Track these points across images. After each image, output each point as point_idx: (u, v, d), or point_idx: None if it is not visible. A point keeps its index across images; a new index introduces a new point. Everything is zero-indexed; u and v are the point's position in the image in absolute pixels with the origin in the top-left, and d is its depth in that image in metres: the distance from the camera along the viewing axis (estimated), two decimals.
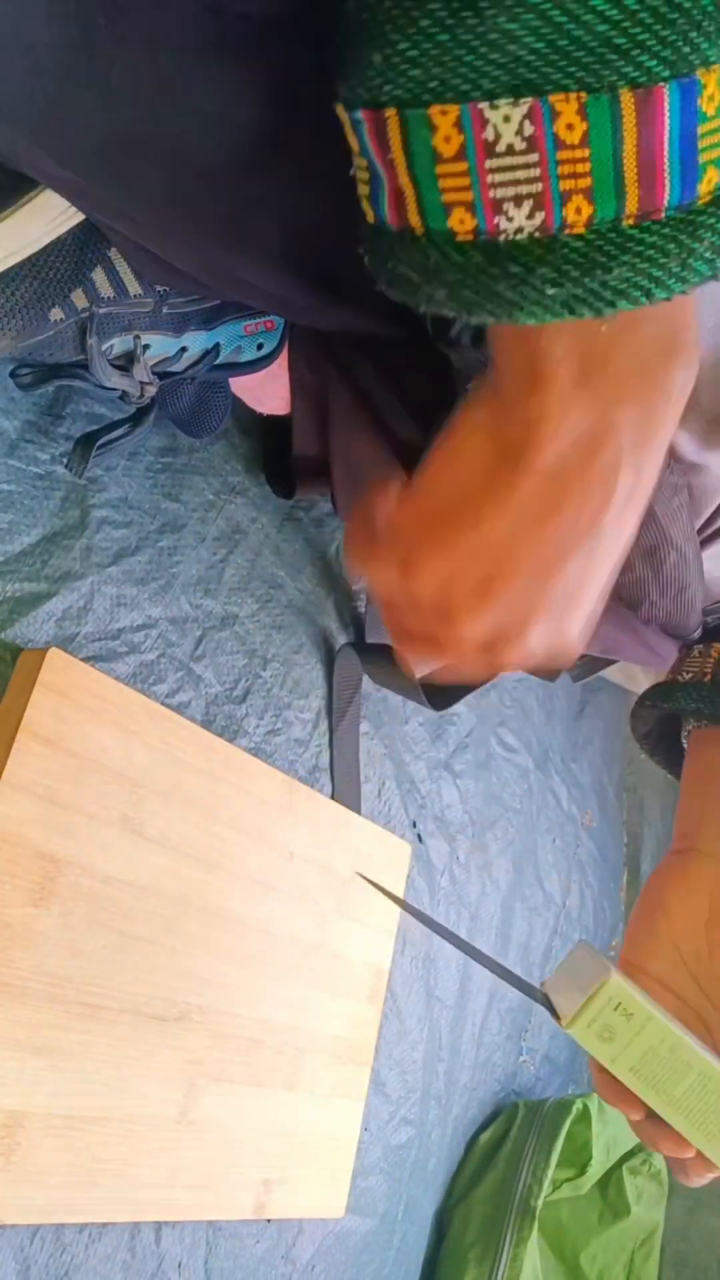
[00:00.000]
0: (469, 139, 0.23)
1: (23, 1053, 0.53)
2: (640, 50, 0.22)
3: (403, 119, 0.24)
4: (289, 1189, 0.71)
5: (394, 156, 0.24)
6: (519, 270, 0.24)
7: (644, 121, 0.23)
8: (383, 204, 0.26)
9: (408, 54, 0.23)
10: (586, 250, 0.24)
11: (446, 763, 0.99)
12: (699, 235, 0.24)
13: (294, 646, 0.79)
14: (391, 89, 0.23)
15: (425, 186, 0.24)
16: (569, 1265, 0.98)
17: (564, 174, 0.23)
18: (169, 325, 0.54)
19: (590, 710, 1.30)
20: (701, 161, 0.24)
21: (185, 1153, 0.62)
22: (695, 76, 0.23)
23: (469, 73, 0.22)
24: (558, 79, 0.22)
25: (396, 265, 0.26)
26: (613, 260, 0.24)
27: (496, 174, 0.24)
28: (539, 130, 0.23)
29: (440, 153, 0.24)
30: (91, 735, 0.57)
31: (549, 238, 0.24)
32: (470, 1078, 0.98)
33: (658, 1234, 1.06)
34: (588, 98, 0.22)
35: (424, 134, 0.23)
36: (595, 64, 0.22)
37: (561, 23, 0.21)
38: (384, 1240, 0.84)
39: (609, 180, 0.23)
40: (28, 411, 0.59)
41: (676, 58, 0.22)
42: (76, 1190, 0.55)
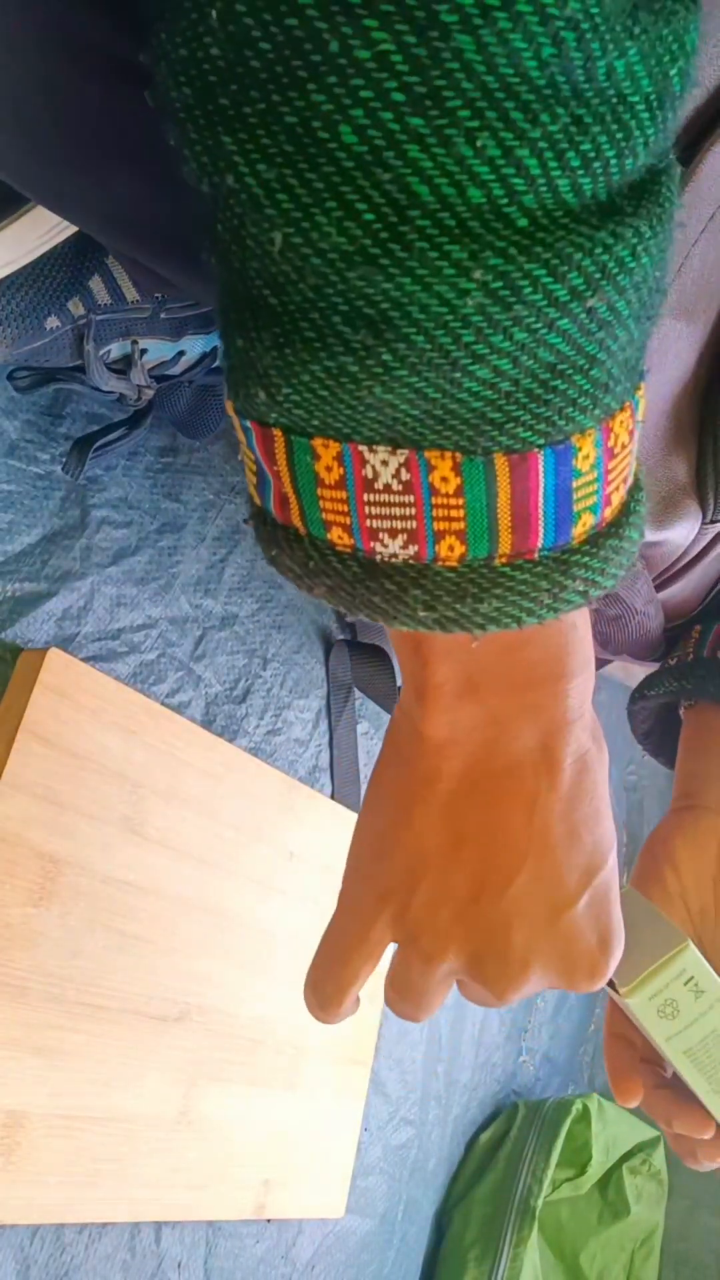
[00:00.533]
0: (349, 473, 0.24)
1: (23, 1053, 0.53)
2: (514, 424, 0.22)
3: (288, 442, 0.24)
4: (289, 1189, 0.71)
5: (280, 470, 0.25)
6: (393, 588, 0.25)
7: (518, 480, 0.23)
8: (269, 500, 0.26)
9: (291, 398, 0.23)
10: (459, 581, 0.25)
11: None
12: (571, 573, 0.25)
13: (294, 646, 0.79)
14: (278, 417, 0.23)
15: (307, 502, 0.25)
16: (569, 1265, 0.98)
17: (438, 516, 0.24)
18: (166, 330, 0.54)
19: None
20: (576, 509, 0.24)
21: (185, 1153, 0.62)
22: (570, 442, 0.23)
23: (349, 422, 0.23)
24: (433, 439, 0.22)
25: (280, 555, 0.27)
26: (485, 592, 0.25)
27: (373, 507, 0.24)
28: (415, 478, 0.23)
29: (322, 478, 0.24)
30: (91, 735, 0.57)
31: (422, 565, 0.25)
32: (470, 1078, 0.98)
33: (657, 1234, 1.06)
34: (463, 459, 0.23)
35: (307, 460, 0.24)
36: (470, 432, 0.22)
37: (436, 398, 0.21)
38: (384, 1240, 0.84)
39: (482, 527, 0.24)
40: (27, 411, 0.59)
41: (551, 430, 0.22)
42: (76, 1190, 0.55)
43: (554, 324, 0.20)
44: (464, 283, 0.20)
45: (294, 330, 0.21)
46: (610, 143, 0.19)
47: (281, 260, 0.20)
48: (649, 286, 0.22)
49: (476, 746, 0.31)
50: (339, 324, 0.21)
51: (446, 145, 0.18)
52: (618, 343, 0.22)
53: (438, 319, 0.20)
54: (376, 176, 0.19)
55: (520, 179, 0.19)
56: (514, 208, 0.19)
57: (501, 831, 0.32)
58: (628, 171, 0.20)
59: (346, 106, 0.18)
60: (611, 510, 0.25)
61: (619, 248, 0.20)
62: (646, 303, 0.22)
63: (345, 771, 0.81)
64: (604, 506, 0.25)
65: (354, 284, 0.20)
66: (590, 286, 0.20)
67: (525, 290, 0.20)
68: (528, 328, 0.20)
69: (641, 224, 0.21)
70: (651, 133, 0.20)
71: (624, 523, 0.26)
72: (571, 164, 0.19)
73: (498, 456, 0.23)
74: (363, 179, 0.19)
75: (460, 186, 0.19)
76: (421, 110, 0.18)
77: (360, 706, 0.85)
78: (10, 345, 0.46)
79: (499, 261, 0.19)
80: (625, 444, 0.25)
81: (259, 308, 0.22)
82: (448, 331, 0.20)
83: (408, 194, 0.19)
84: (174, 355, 0.56)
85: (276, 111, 0.19)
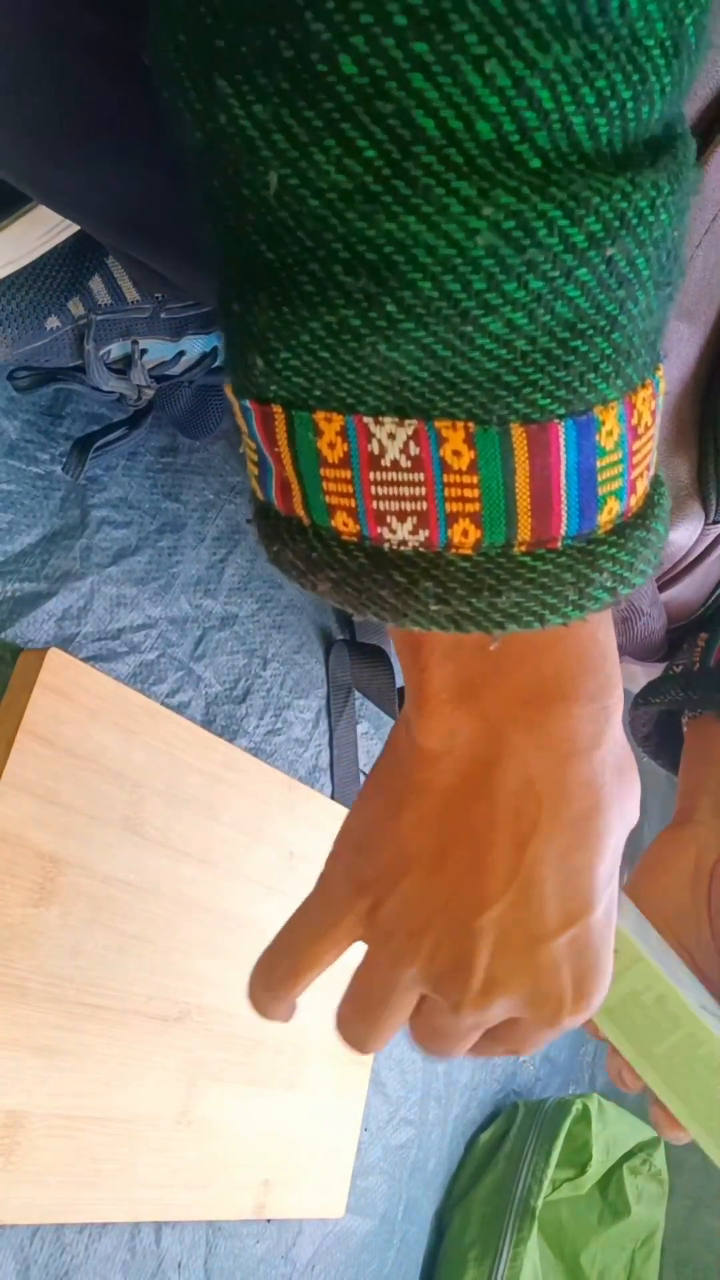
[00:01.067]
0: (354, 449, 0.22)
1: (23, 1053, 0.53)
2: (532, 389, 0.21)
3: (289, 418, 0.22)
4: (289, 1189, 0.71)
5: (280, 451, 0.23)
6: (403, 580, 0.23)
7: (537, 455, 0.21)
8: (270, 489, 0.25)
9: (290, 363, 0.21)
10: (474, 571, 0.23)
11: None
12: (598, 565, 0.23)
13: (294, 646, 0.79)
14: (277, 390, 0.22)
15: (310, 485, 0.23)
16: (569, 1265, 0.98)
17: (450, 496, 0.22)
18: (167, 330, 0.54)
19: None
20: (601, 494, 0.22)
21: (185, 1153, 0.62)
22: (593, 414, 0.21)
23: (352, 389, 0.21)
24: (444, 406, 0.21)
25: (282, 550, 0.25)
26: (502, 585, 0.23)
27: (380, 487, 0.22)
28: (424, 452, 0.22)
29: (325, 457, 0.22)
30: (91, 735, 0.57)
31: (434, 554, 0.23)
32: (470, 1078, 0.98)
33: (658, 1234, 1.06)
34: (476, 428, 0.21)
35: (309, 437, 0.22)
36: (484, 398, 0.21)
37: (446, 357, 0.20)
38: (384, 1240, 0.84)
39: (499, 509, 0.22)
40: (27, 411, 0.59)
41: (572, 397, 0.21)
42: (76, 1190, 0.55)
43: (571, 273, 0.19)
44: (473, 221, 0.18)
45: (292, 285, 0.20)
46: (626, 83, 0.18)
47: (278, 205, 0.19)
48: (667, 249, 0.21)
49: (472, 762, 0.29)
50: (339, 273, 0.20)
51: (453, 73, 0.17)
52: (638, 307, 0.21)
53: (445, 262, 0.19)
54: (378, 110, 0.18)
55: (532, 112, 0.18)
56: (526, 145, 0.18)
57: (489, 856, 0.30)
58: (645, 122, 0.19)
59: (346, 34, 0.17)
60: (636, 499, 0.24)
61: (638, 197, 0.19)
62: (665, 268, 0.21)
63: (345, 771, 0.81)
64: (629, 493, 0.23)
65: (355, 225, 0.19)
66: (609, 234, 0.19)
67: (540, 232, 0.19)
68: (543, 275, 0.19)
69: (660, 178, 0.20)
70: (668, 81, 0.19)
71: (650, 514, 0.24)
72: (586, 100, 0.18)
73: (515, 427, 0.21)
74: (364, 113, 0.18)
75: (468, 119, 0.18)
76: (426, 35, 0.17)
77: (360, 706, 0.85)
78: (10, 346, 0.46)
79: (511, 200, 0.18)
80: (649, 425, 0.23)
81: (255, 266, 0.21)
82: (456, 277, 0.19)
83: (411, 128, 0.18)
84: (174, 355, 0.56)
85: (273, 47, 0.18)
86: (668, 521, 0.25)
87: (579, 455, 0.22)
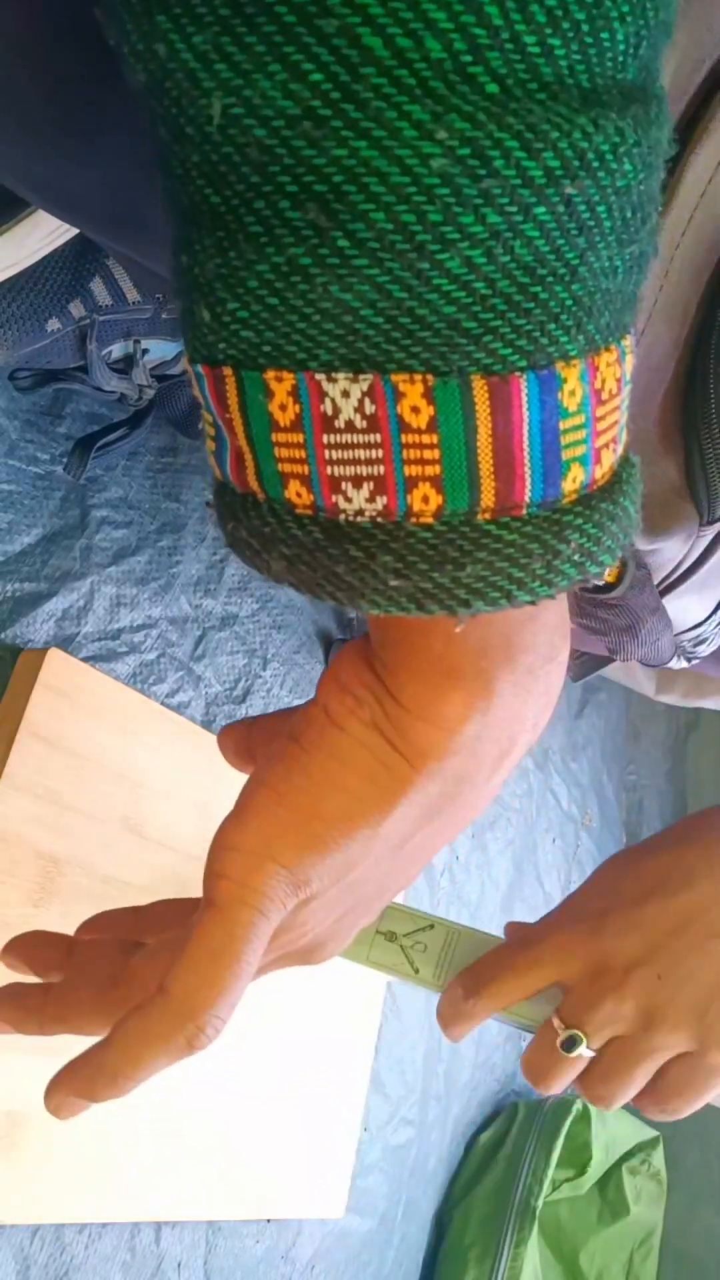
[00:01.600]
0: (305, 410, 0.21)
1: (23, 1053, 0.53)
2: (493, 336, 0.20)
3: (239, 379, 0.21)
4: (289, 1189, 0.71)
5: (232, 417, 0.22)
6: (360, 555, 0.22)
7: (499, 411, 0.20)
8: (226, 463, 0.24)
9: (239, 314, 0.20)
10: (435, 542, 0.21)
11: None
12: (565, 537, 0.22)
13: (294, 646, 0.79)
14: (226, 348, 0.21)
15: (262, 453, 0.22)
16: (568, 1265, 0.98)
17: (409, 459, 0.21)
18: (168, 330, 0.54)
19: (590, 710, 1.30)
20: (565, 458, 0.21)
21: (185, 1153, 0.62)
22: (555, 369, 0.20)
23: (303, 340, 0.20)
24: (400, 358, 0.20)
25: (237, 529, 0.24)
26: (466, 557, 0.21)
27: (334, 450, 0.21)
28: (381, 410, 0.20)
29: (276, 420, 0.21)
30: (91, 735, 0.57)
31: (392, 524, 0.21)
32: (470, 1078, 0.98)
33: (657, 1233, 1.06)
34: (435, 381, 0.20)
35: (260, 399, 0.21)
36: (442, 346, 0.19)
37: (402, 299, 0.19)
38: (384, 1240, 0.84)
39: (461, 471, 0.21)
40: (28, 411, 0.59)
41: (534, 348, 0.20)
42: (76, 1190, 0.55)
43: (529, 210, 0.19)
44: (426, 146, 0.18)
45: (238, 228, 0.19)
46: (578, 2, 0.18)
47: (222, 139, 0.18)
48: (631, 203, 0.20)
49: (472, 757, 0.27)
50: (287, 209, 0.19)
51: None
52: (599, 261, 0.20)
53: (399, 190, 0.18)
54: (322, 30, 0.17)
55: (482, 29, 0.17)
56: (480, 67, 0.18)
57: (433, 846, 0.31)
58: (609, 54, 0.19)
59: None
60: (602, 471, 0.23)
61: (599, 139, 0.19)
62: (630, 224, 0.20)
63: None
64: (594, 463, 0.22)
65: (303, 154, 0.18)
66: (568, 172, 0.18)
67: (496, 162, 0.18)
68: (501, 209, 0.18)
69: (626, 125, 0.19)
70: (625, 9, 0.18)
71: (617, 489, 0.23)
72: (536, 17, 0.17)
73: (475, 379, 0.20)
74: (307, 34, 0.17)
75: (416, 36, 0.17)
76: None
77: None
78: (11, 348, 0.46)
79: (465, 126, 0.18)
80: (614, 392, 0.22)
81: (201, 213, 0.20)
82: (411, 206, 0.18)
83: (358, 48, 0.17)
84: (175, 355, 0.56)
85: None
86: (637, 503, 0.24)
87: (541, 412, 0.21)
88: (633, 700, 1.41)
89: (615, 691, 1.34)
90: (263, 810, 0.29)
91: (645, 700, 0.71)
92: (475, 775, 0.28)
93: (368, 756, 0.27)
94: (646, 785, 1.42)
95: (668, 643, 0.51)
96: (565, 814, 1.21)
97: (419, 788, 0.27)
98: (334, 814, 0.28)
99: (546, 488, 0.21)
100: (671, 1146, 1.09)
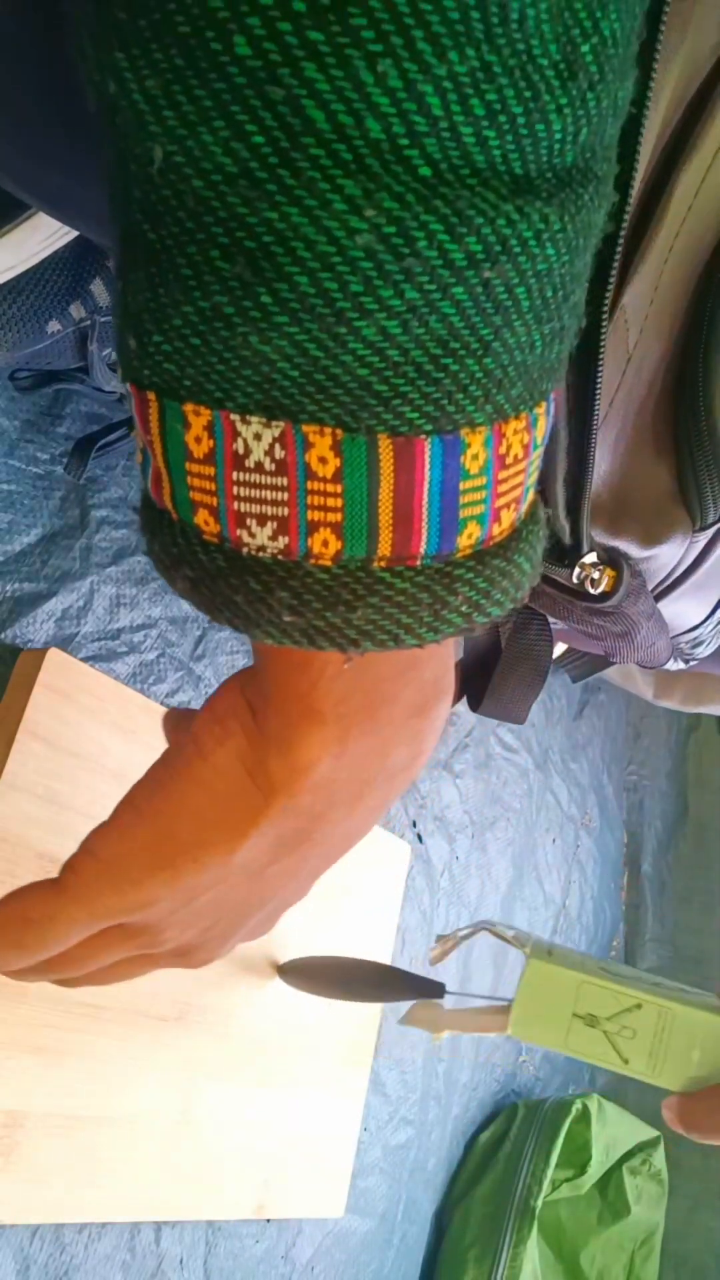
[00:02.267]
0: (219, 446, 0.22)
1: (23, 1052, 0.53)
2: (402, 401, 0.20)
3: (161, 406, 0.22)
4: (289, 1189, 0.71)
5: (153, 440, 0.23)
6: (258, 587, 0.23)
7: (402, 469, 0.21)
8: (149, 479, 0.24)
9: (162, 347, 0.21)
10: (331, 584, 0.22)
11: (446, 762, 0.99)
12: (454, 589, 0.23)
13: None
14: (150, 375, 0.21)
15: (176, 478, 0.23)
16: (569, 1265, 0.98)
17: (313, 504, 0.21)
18: None
19: (590, 710, 1.30)
20: (462, 516, 0.22)
21: (185, 1153, 0.62)
22: (460, 435, 0.21)
23: (222, 382, 0.21)
24: (312, 410, 0.20)
25: (153, 542, 0.24)
26: (359, 600, 0.22)
27: (242, 488, 0.22)
28: (290, 456, 0.21)
29: (191, 451, 0.22)
30: (91, 735, 0.57)
31: (292, 562, 0.22)
32: (470, 1078, 0.98)
33: (658, 1234, 1.06)
34: (343, 436, 0.21)
35: (178, 428, 0.22)
36: (353, 405, 0.20)
37: (318, 358, 0.20)
38: (383, 1240, 0.84)
39: (361, 520, 0.22)
40: (28, 411, 0.59)
41: (440, 414, 0.21)
42: (76, 1190, 0.55)
43: (448, 290, 0.19)
44: (355, 220, 0.18)
45: (169, 267, 0.20)
46: (517, 99, 0.18)
47: (161, 182, 0.19)
48: (553, 285, 0.21)
49: (330, 794, 0.29)
50: (217, 258, 0.19)
51: (345, 66, 0.17)
52: (515, 337, 0.21)
53: (324, 259, 0.19)
54: (269, 95, 0.17)
55: (421, 117, 0.18)
56: (415, 150, 0.18)
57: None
58: (545, 144, 0.19)
59: (243, 14, 0.17)
60: (500, 529, 0.24)
61: (523, 226, 0.19)
62: (549, 303, 0.21)
63: None
64: (492, 521, 0.23)
65: (236, 210, 0.19)
66: (489, 256, 0.19)
67: (420, 242, 0.19)
68: (420, 286, 0.19)
69: (552, 213, 0.20)
70: (564, 102, 0.19)
71: (513, 547, 0.24)
72: (475, 110, 0.18)
73: (382, 438, 0.21)
74: (254, 97, 0.18)
75: (358, 115, 0.18)
76: (323, 25, 0.17)
77: None
78: (11, 349, 0.47)
79: (394, 205, 0.18)
80: (519, 457, 0.23)
81: (137, 245, 0.21)
82: (334, 275, 0.19)
83: (301, 118, 0.18)
84: None
85: (171, 20, 0.17)
86: (535, 559, 0.25)
87: (443, 474, 0.21)
88: (633, 700, 1.41)
89: (615, 692, 1.34)
90: (124, 827, 0.30)
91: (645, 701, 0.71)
92: (329, 813, 0.29)
93: (226, 786, 0.28)
94: (646, 785, 1.42)
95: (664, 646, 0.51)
96: (565, 814, 1.21)
97: (271, 820, 0.28)
98: (187, 839, 0.29)
99: (442, 542, 0.22)
100: (672, 1147, 1.09)
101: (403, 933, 0.87)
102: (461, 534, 0.22)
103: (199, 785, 0.29)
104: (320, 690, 0.26)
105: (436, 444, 0.21)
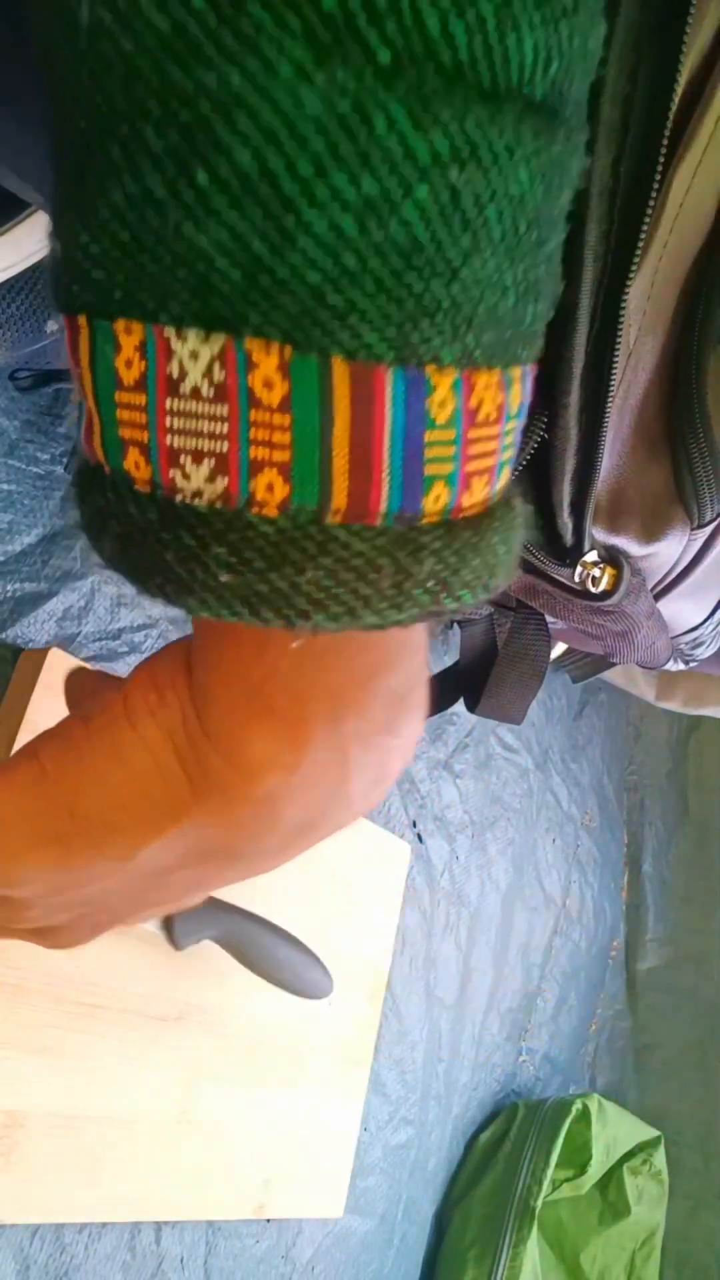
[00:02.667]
0: (151, 369, 0.19)
1: (23, 1052, 0.53)
2: (359, 318, 0.18)
3: (91, 329, 0.19)
4: (289, 1189, 0.71)
5: (82, 372, 0.20)
6: (192, 542, 0.19)
7: (359, 402, 0.18)
8: (81, 429, 0.22)
9: (90, 249, 0.18)
10: (277, 539, 0.19)
11: (446, 763, 0.99)
12: (419, 558, 0.20)
13: None
14: (79, 290, 0.19)
15: (105, 414, 0.20)
16: (569, 1265, 0.98)
17: (256, 439, 0.18)
18: None
19: (590, 710, 1.30)
20: (427, 473, 0.19)
21: (185, 1153, 0.62)
22: (425, 373, 0.18)
23: (155, 287, 0.18)
24: (257, 322, 0.18)
25: (82, 506, 0.21)
26: (309, 560, 0.19)
27: (176, 418, 0.19)
28: (230, 379, 0.18)
29: (121, 377, 0.19)
30: None
31: (232, 511, 0.19)
32: (470, 1078, 0.98)
33: (659, 1234, 1.06)
34: (293, 354, 0.18)
35: (108, 350, 0.19)
36: (303, 317, 0.18)
37: (260, 255, 0.17)
38: (383, 1240, 0.84)
39: (312, 460, 0.19)
40: (28, 411, 0.59)
41: (402, 341, 0.18)
42: (76, 1190, 0.55)
43: (411, 189, 0.17)
44: (304, 88, 0.16)
45: (101, 152, 0.18)
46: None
47: (89, 51, 0.17)
48: (527, 217, 0.19)
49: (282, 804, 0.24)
50: (149, 134, 0.17)
51: None
52: (485, 270, 0.18)
53: (269, 132, 0.16)
54: None
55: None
56: (374, 32, 0.16)
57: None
58: (514, 63, 0.17)
59: None
60: (472, 500, 0.21)
61: (494, 133, 0.17)
62: (523, 240, 0.19)
63: None
64: (461, 487, 0.20)
65: (171, 77, 0.17)
66: (457, 158, 0.17)
67: (379, 124, 0.16)
68: (378, 177, 0.17)
69: (525, 132, 0.18)
70: (537, 19, 0.17)
71: (486, 524, 0.21)
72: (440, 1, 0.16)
73: (337, 361, 0.18)
74: None
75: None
76: None
77: None
78: (10, 348, 0.46)
79: (350, 79, 0.16)
80: (490, 418, 0.20)
81: (66, 136, 0.19)
82: (280, 152, 0.16)
83: None
84: None
85: None
86: (511, 547, 0.22)
87: (405, 416, 0.19)
88: (633, 700, 1.41)
89: (615, 692, 1.34)
90: (20, 785, 0.26)
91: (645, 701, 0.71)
92: (264, 837, 0.25)
93: (150, 766, 0.24)
94: (646, 785, 1.42)
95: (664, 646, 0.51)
96: (565, 814, 1.21)
97: (194, 823, 0.24)
98: (90, 818, 0.24)
99: (405, 499, 0.19)
100: (673, 1147, 1.10)
101: (403, 933, 0.87)
102: (428, 495, 0.20)
103: (118, 757, 0.24)
104: (276, 684, 0.22)
105: (399, 377, 0.18)
